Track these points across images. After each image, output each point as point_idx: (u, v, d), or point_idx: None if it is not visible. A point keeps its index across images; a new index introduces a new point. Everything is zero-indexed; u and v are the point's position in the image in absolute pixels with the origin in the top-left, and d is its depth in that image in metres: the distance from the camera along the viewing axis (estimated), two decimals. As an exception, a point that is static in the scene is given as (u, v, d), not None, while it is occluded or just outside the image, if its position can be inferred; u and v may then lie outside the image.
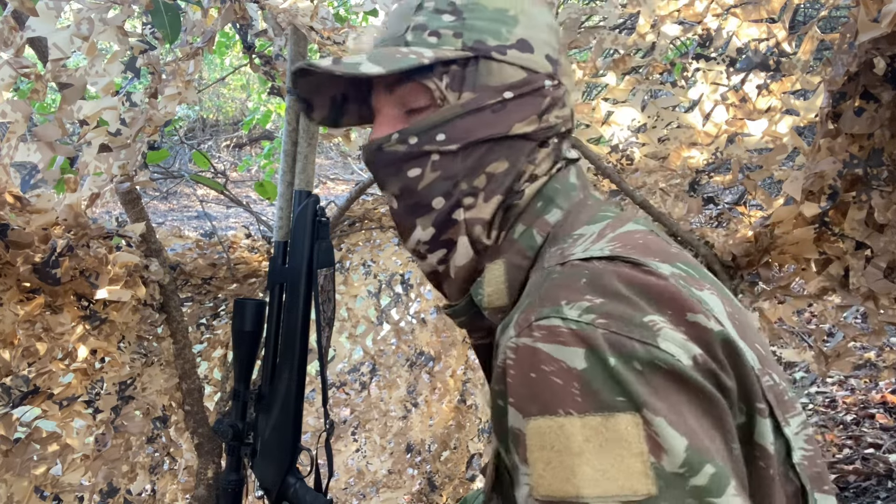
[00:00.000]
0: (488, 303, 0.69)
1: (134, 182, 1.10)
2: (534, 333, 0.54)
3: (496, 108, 0.68)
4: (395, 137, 0.69)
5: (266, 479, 1.08)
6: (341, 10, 2.98)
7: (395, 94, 0.70)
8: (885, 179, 0.97)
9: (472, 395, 2.12)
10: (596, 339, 0.52)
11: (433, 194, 0.69)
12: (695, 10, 1.27)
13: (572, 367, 0.51)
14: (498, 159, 0.69)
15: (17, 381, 1.00)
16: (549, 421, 0.51)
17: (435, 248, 0.72)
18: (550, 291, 0.57)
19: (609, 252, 0.60)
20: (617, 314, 0.53)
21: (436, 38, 0.68)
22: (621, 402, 0.50)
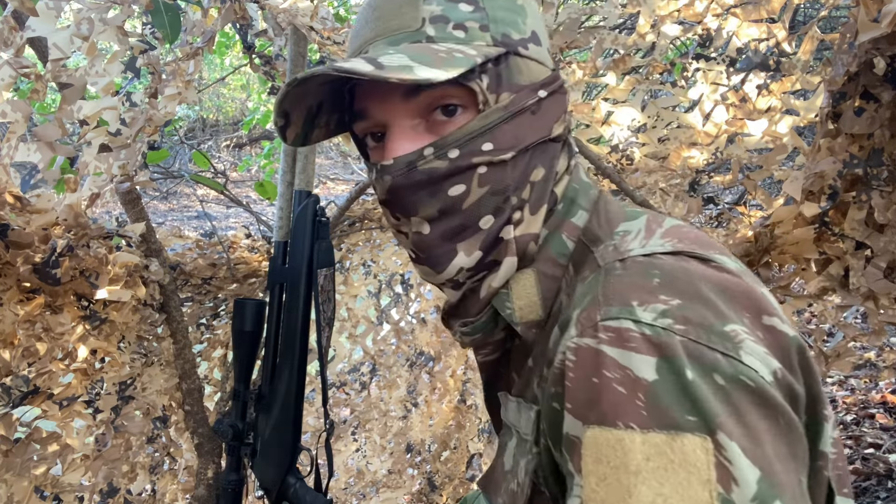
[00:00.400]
0: (520, 317, 0.64)
1: (134, 182, 1.10)
2: (599, 335, 0.49)
3: (535, 110, 0.63)
4: (430, 152, 0.60)
5: (266, 479, 1.08)
6: (341, 10, 2.98)
7: (415, 102, 0.61)
8: (885, 179, 0.97)
9: (472, 395, 2.12)
10: (673, 347, 0.47)
11: (481, 213, 0.61)
12: (695, 10, 1.27)
13: (640, 377, 0.46)
14: (537, 166, 0.63)
15: (17, 381, 1.00)
16: (607, 433, 0.46)
17: (477, 273, 0.64)
18: (618, 289, 0.52)
19: (671, 247, 0.55)
20: (696, 320, 0.48)
21: (463, 33, 0.61)
22: (692, 421, 0.44)
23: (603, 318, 0.50)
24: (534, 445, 0.59)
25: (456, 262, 0.62)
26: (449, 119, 0.61)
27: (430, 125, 0.62)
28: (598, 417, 0.47)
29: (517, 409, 0.65)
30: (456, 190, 0.60)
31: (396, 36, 0.61)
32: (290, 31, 1.12)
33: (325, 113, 0.68)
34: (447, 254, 0.62)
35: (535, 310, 0.63)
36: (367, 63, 0.54)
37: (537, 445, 0.59)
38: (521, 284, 0.64)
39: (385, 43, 0.62)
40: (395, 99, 0.61)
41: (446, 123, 0.61)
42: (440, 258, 0.63)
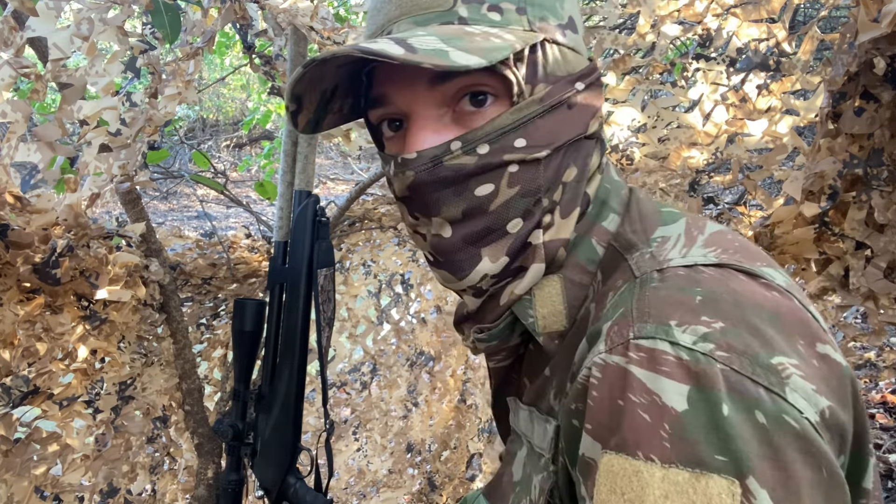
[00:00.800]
0: (543, 327, 0.59)
1: (134, 182, 1.10)
2: (629, 353, 0.45)
3: (571, 104, 0.57)
4: (458, 147, 0.54)
5: (266, 479, 1.08)
6: (341, 10, 2.98)
7: (442, 89, 0.55)
8: (885, 179, 0.97)
9: (472, 395, 2.12)
10: (712, 377, 0.42)
11: (510, 215, 0.56)
12: (695, 10, 1.27)
13: (667, 405, 0.42)
14: (570, 165, 0.58)
15: (17, 381, 1.00)
16: (625, 461, 0.42)
17: (502, 280, 0.59)
18: (654, 304, 0.47)
19: (714, 258, 0.50)
20: (740, 348, 0.43)
21: (498, 15, 0.55)
22: (721, 462, 0.40)
23: (636, 336, 0.45)
24: (550, 463, 0.56)
25: (480, 269, 0.57)
26: (478, 110, 0.55)
27: (457, 116, 0.56)
28: (617, 443, 0.43)
29: (529, 419, 0.62)
30: (483, 190, 0.55)
31: (425, 15, 0.55)
32: (290, 31, 1.12)
33: (340, 97, 0.63)
34: (470, 259, 0.57)
35: (559, 319, 0.59)
36: (396, 45, 0.49)
37: (554, 464, 0.55)
38: (545, 291, 0.59)
39: (411, 22, 0.56)
40: (420, 85, 0.55)
41: (475, 115, 0.55)
42: (462, 263, 0.58)
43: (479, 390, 2.13)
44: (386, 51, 0.48)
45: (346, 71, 0.59)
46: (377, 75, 0.59)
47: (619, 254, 0.57)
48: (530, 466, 0.60)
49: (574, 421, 0.49)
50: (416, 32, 0.53)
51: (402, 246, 1.90)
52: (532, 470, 0.59)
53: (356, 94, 0.63)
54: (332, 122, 0.64)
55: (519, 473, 0.62)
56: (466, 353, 2.10)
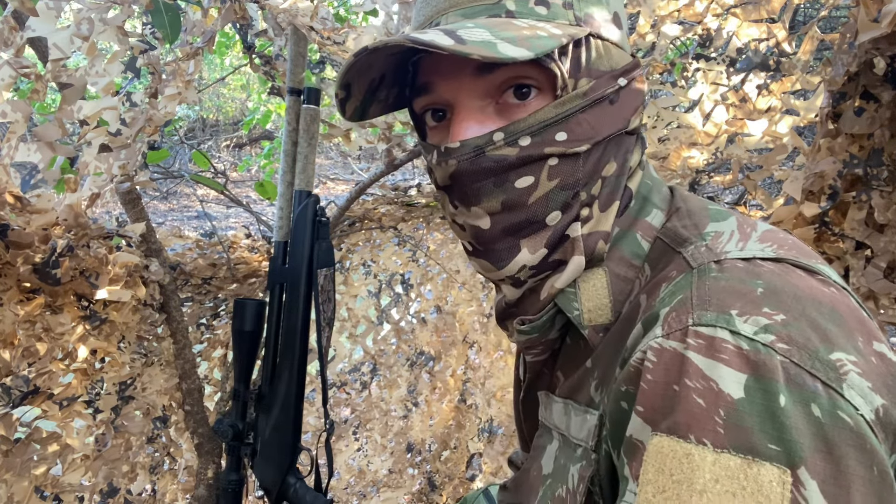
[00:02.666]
0: (588, 320, 0.59)
1: (134, 182, 1.10)
2: (688, 339, 0.45)
3: (613, 99, 0.58)
4: (500, 138, 0.55)
5: (266, 479, 1.08)
6: (341, 10, 2.98)
7: (486, 80, 0.56)
8: (885, 179, 0.97)
9: (472, 395, 2.12)
10: (772, 367, 0.42)
11: (549, 208, 0.57)
12: (695, 10, 1.27)
13: (723, 392, 0.42)
14: (610, 160, 0.58)
15: (17, 381, 1.00)
16: (675, 444, 0.43)
17: (541, 272, 0.59)
18: (716, 293, 0.47)
19: (772, 253, 0.50)
20: (800, 341, 0.43)
21: (545, 9, 0.56)
22: (774, 451, 0.40)
23: (696, 323, 0.45)
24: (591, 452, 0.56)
25: (518, 259, 0.58)
26: (522, 102, 0.56)
27: (500, 107, 0.57)
28: (669, 426, 0.44)
29: (564, 412, 0.62)
30: (524, 182, 0.56)
31: (473, 7, 0.56)
32: (290, 31, 1.12)
33: (386, 86, 0.63)
34: (509, 249, 0.58)
35: (604, 313, 0.59)
36: (446, 36, 0.50)
37: (596, 452, 0.55)
38: (590, 284, 0.59)
39: (459, 14, 0.57)
40: (465, 76, 0.56)
41: (518, 107, 0.56)
42: (501, 254, 0.58)
43: (479, 390, 2.13)
44: (435, 41, 0.49)
45: (394, 60, 0.60)
46: (423, 65, 0.60)
47: (669, 248, 0.57)
48: (564, 458, 0.60)
49: (623, 403, 0.49)
50: (465, 24, 0.54)
51: (402, 246, 1.90)
52: (567, 461, 0.59)
53: (402, 84, 0.64)
54: (377, 111, 0.65)
55: (550, 466, 0.62)
56: (466, 352, 2.10)
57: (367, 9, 1.25)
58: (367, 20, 2.49)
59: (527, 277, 0.60)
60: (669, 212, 0.61)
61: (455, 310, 2.06)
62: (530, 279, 0.60)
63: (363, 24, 2.39)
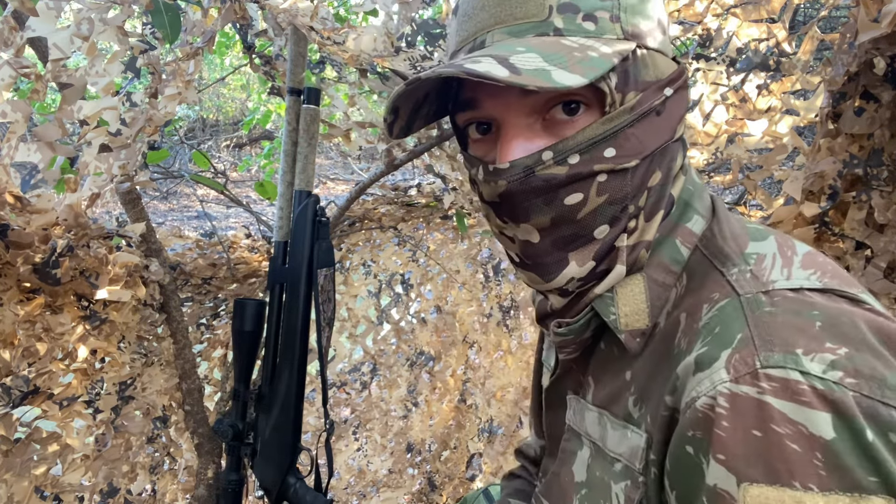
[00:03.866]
0: (625, 324, 0.59)
1: (134, 182, 1.10)
2: (761, 384, 0.45)
3: (660, 110, 0.57)
4: (549, 157, 0.55)
5: (266, 479, 1.08)
6: (341, 10, 2.98)
7: (533, 98, 0.55)
8: (885, 179, 0.97)
9: (472, 395, 2.12)
10: (848, 404, 0.43)
11: (597, 223, 0.57)
12: (695, 10, 1.27)
13: (816, 435, 0.43)
14: (656, 170, 0.58)
15: (17, 381, 1.00)
16: (780, 492, 0.43)
17: (587, 283, 0.60)
18: (776, 331, 0.47)
19: (818, 283, 0.51)
20: (867, 372, 0.44)
21: (593, 24, 0.55)
22: (875, 483, 0.42)
23: (764, 366, 0.45)
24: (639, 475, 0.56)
25: (567, 272, 0.58)
26: (570, 119, 0.56)
27: (548, 124, 0.57)
28: (766, 476, 0.44)
29: (598, 422, 0.62)
30: (573, 199, 0.56)
31: (521, 25, 0.55)
32: (290, 31, 1.12)
33: (430, 102, 0.63)
34: (558, 263, 0.58)
35: (642, 318, 0.59)
36: (499, 65, 0.50)
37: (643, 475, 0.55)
38: (628, 289, 0.59)
39: (506, 33, 0.56)
40: (513, 94, 0.56)
41: (566, 124, 0.56)
42: (550, 267, 0.59)
43: (479, 390, 2.13)
44: (491, 73, 0.49)
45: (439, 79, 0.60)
46: (468, 81, 0.59)
47: (709, 262, 0.57)
48: (601, 470, 0.60)
49: (689, 448, 0.49)
50: (515, 47, 0.53)
51: (402, 246, 1.90)
52: (605, 475, 0.59)
53: (444, 98, 0.64)
54: (420, 125, 0.65)
55: (582, 474, 0.62)
56: (466, 353, 2.10)
57: (367, 9, 1.25)
58: (367, 20, 2.48)
59: (575, 288, 0.60)
60: (710, 220, 0.61)
61: (455, 310, 2.06)
62: (577, 289, 0.60)
63: (363, 24, 2.39)
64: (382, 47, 1.07)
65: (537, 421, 0.88)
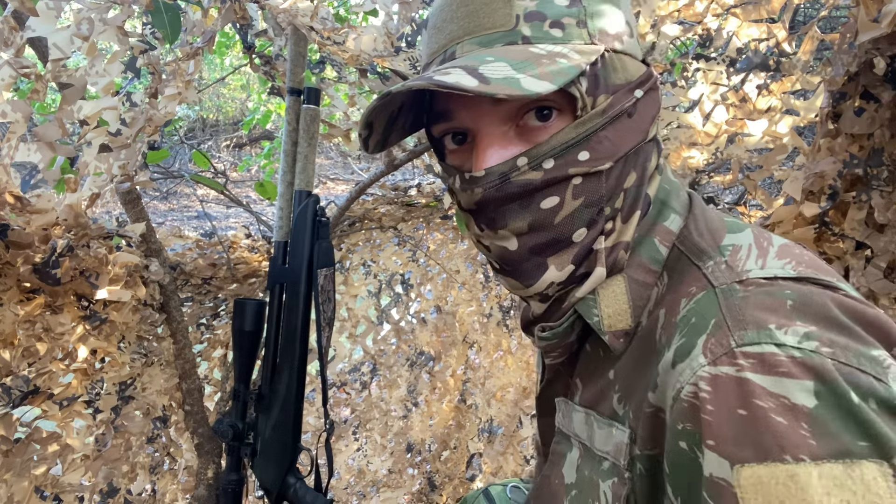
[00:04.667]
0: (609, 325, 0.59)
1: (134, 182, 1.10)
2: (738, 361, 0.45)
3: (631, 112, 0.58)
4: (524, 163, 0.55)
5: (266, 479, 1.08)
6: (341, 10, 2.98)
7: (506, 106, 0.56)
8: (885, 179, 0.97)
9: (472, 395, 2.12)
10: (829, 369, 0.43)
11: (575, 226, 0.57)
12: (695, 10, 1.27)
13: (799, 405, 0.42)
14: (630, 171, 0.58)
15: (17, 381, 1.00)
16: (773, 469, 0.42)
17: (567, 286, 0.60)
18: (747, 311, 0.47)
19: (792, 271, 0.51)
20: (842, 343, 0.44)
21: (560, 31, 0.56)
22: (865, 447, 0.41)
23: (739, 344, 0.45)
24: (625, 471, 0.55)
25: (546, 277, 0.58)
26: (543, 124, 0.56)
27: (521, 130, 0.57)
28: (757, 454, 0.43)
29: (585, 422, 0.62)
30: (549, 203, 0.56)
31: (489, 35, 0.56)
32: (290, 31, 1.12)
33: (404, 114, 0.64)
34: (537, 268, 0.58)
35: (624, 318, 0.59)
36: (468, 76, 0.51)
37: (630, 471, 0.55)
38: (609, 291, 0.59)
39: (475, 43, 0.57)
40: (485, 103, 0.57)
41: (539, 129, 0.56)
42: (530, 272, 0.59)
43: (479, 390, 2.13)
44: (460, 83, 0.50)
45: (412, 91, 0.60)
46: (441, 93, 0.60)
47: (686, 258, 0.57)
48: (589, 470, 0.60)
49: (682, 443, 0.48)
50: (485, 57, 0.54)
51: (402, 246, 1.90)
52: (594, 474, 0.59)
53: (418, 109, 0.65)
54: (396, 138, 0.66)
55: (572, 476, 0.62)
56: (466, 353, 2.10)
57: (367, 9, 1.25)
58: (367, 20, 2.49)
59: (555, 293, 0.60)
60: (687, 217, 0.61)
61: (455, 310, 2.06)
62: (558, 293, 0.61)
63: (363, 24, 2.39)
64: (382, 47, 1.07)
65: None
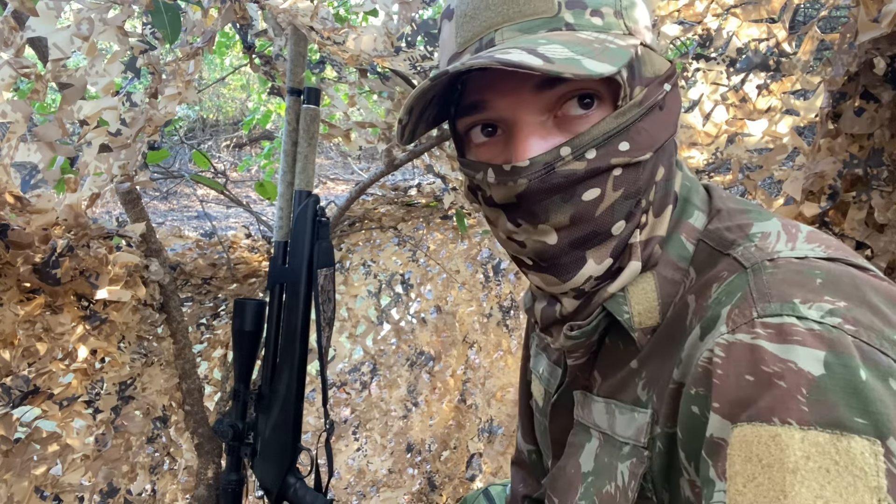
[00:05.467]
0: (638, 322, 0.59)
1: (134, 182, 1.10)
2: (756, 330, 0.45)
3: (662, 105, 0.58)
4: (568, 153, 0.54)
5: (266, 479, 1.08)
6: (341, 10, 2.98)
7: (546, 95, 0.55)
8: (885, 179, 0.97)
9: (472, 395, 2.12)
10: (846, 344, 0.42)
11: (615, 218, 0.56)
12: (695, 10, 1.26)
13: (804, 370, 0.42)
14: (660, 165, 0.58)
15: (17, 381, 1.00)
16: (759, 429, 0.42)
17: (603, 281, 0.59)
18: (775, 285, 0.47)
19: (823, 252, 0.51)
20: (866, 323, 0.44)
21: (600, 20, 0.55)
22: (861, 423, 0.40)
23: (761, 315, 0.45)
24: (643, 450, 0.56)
25: (585, 271, 0.57)
26: (584, 113, 0.55)
27: (560, 120, 0.56)
28: (750, 414, 0.43)
29: (606, 411, 0.62)
30: (591, 194, 0.55)
31: (532, 21, 0.55)
32: (290, 31, 1.12)
33: (433, 106, 0.61)
34: (576, 262, 0.57)
35: (653, 315, 0.59)
36: (531, 55, 0.49)
37: (648, 449, 0.56)
38: (640, 288, 0.59)
39: (516, 30, 0.55)
40: (526, 91, 0.55)
41: (579, 119, 0.55)
42: (568, 267, 0.58)
43: (479, 390, 2.13)
44: (525, 62, 0.48)
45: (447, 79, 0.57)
46: (474, 83, 0.59)
47: (715, 251, 0.57)
48: (608, 456, 0.61)
49: (694, 408, 0.48)
50: (538, 40, 0.53)
51: (402, 246, 1.90)
52: (613, 458, 0.60)
53: (444, 102, 0.63)
54: (422, 130, 0.64)
55: (590, 464, 0.62)
56: (466, 352, 2.10)
57: (367, 9, 1.25)
58: (367, 20, 2.48)
59: (591, 288, 0.59)
60: (710, 213, 0.61)
61: (455, 310, 2.06)
62: (593, 290, 0.60)
63: (363, 24, 2.39)
64: (382, 47, 1.07)
65: (527, 424, 0.88)
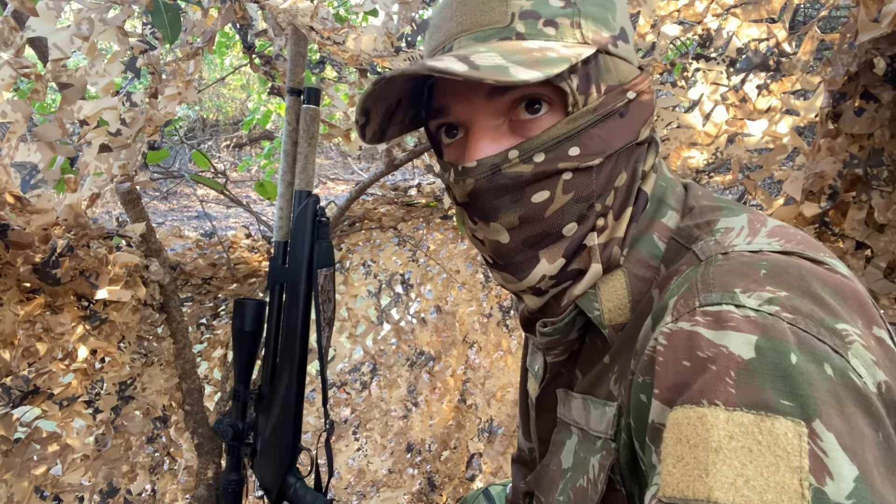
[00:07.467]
0: (609, 320, 0.61)
1: (134, 182, 1.10)
2: (696, 318, 0.46)
3: (623, 112, 0.60)
4: (515, 155, 0.57)
5: (266, 479, 1.08)
6: (341, 10, 2.98)
7: (499, 101, 0.58)
8: (885, 179, 0.97)
9: (472, 395, 2.12)
10: (780, 329, 0.43)
11: (565, 220, 0.59)
12: (695, 10, 1.27)
13: (734, 354, 0.43)
14: (622, 171, 0.60)
15: (17, 381, 1.00)
16: (689, 411, 0.43)
17: (562, 281, 0.61)
18: (719, 276, 0.49)
19: (779, 246, 0.52)
20: (806, 311, 0.44)
21: (553, 30, 0.57)
22: (787, 406, 0.40)
23: (702, 304, 0.47)
24: (611, 442, 0.58)
25: (538, 270, 0.60)
26: (534, 117, 0.58)
27: (514, 125, 0.59)
28: (682, 398, 0.44)
29: (583, 406, 0.64)
30: (539, 196, 0.58)
31: (485, 31, 0.58)
32: (290, 31, 1.12)
33: (403, 109, 0.65)
34: (529, 261, 0.60)
35: (624, 312, 0.60)
36: (460, 62, 0.52)
37: (615, 441, 0.57)
38: (610, 286, 0.61)
39: (471, 39, 0.59)
40: (479, 97, 0.58)
41: (531, 123, 0.58)
42: (522, 265, 0.60)
43: (479, 390, 2.13)
44: (450, 68, 0.51)
45: (410, 85, 0.62)
46: (438, 89, 0.62)
47: (682, 246, 0.59)
48: (584, 451, 0.62)
49: (642, 396, 0.50)
50: (478, 49, 0.56)
51: (402, 246, 1.90)
52: (587, 453, 0.61)
53: (417, 106, 0.66)
54: (395, 132, 0.68)
55: (569, 461, 0.64)
56: (466, 352, 2.10)
57: (367, 9, 1.25)
58: (367, 20, 2.48)
59: (548, 287, 0.62)
60: (684, 212, 0.63)
61: (455, 310, 2.06)
62: (551, 288, 0.62)
63: (363, 24, 2.39)
64: (382, 47, 1.07)
65: (527, 422, 0.88)
